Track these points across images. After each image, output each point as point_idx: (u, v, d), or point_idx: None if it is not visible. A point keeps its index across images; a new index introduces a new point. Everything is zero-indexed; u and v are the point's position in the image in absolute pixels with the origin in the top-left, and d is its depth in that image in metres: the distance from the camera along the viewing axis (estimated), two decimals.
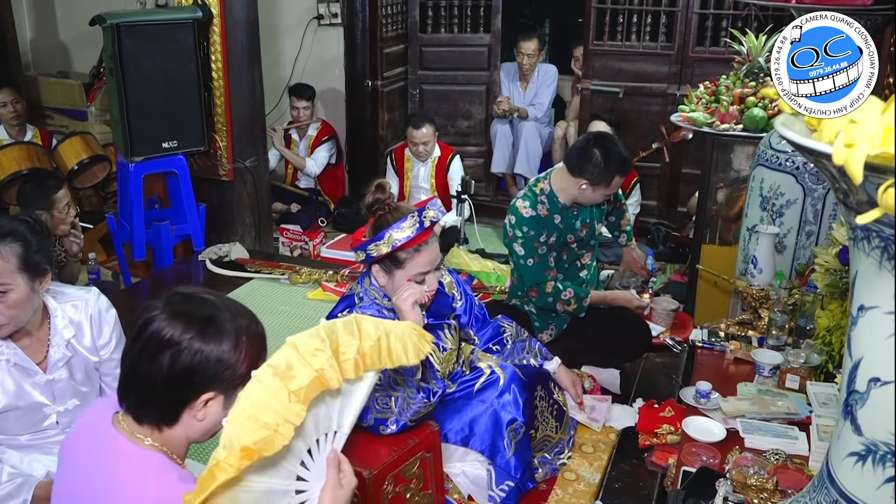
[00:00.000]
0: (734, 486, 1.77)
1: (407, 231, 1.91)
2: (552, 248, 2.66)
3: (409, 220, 1.92)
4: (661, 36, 4.56)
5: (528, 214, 2.61)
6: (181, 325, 1.22)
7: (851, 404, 1.30)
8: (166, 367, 1.21)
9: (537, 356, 2.38)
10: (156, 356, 1.21)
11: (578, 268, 2.78)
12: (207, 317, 1.24)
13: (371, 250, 1.94)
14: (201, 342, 1.22)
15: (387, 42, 5.02)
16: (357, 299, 2.05)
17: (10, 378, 1.84)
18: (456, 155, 4.52)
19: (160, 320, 1.23)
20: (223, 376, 1.23)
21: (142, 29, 3.53)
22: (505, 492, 2.08)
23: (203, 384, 1.23)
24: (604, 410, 2.51)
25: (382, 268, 2.00)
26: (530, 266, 2.63)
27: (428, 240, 1.97)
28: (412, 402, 1.87)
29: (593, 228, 2.75)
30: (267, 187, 4.24)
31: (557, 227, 2.65)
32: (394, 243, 1.91)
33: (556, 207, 2.64)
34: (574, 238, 2.70)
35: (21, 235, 1.77)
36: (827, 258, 2.26)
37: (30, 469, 1.90)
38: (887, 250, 1.16)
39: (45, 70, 5.37)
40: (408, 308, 1.91)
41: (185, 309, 1.24)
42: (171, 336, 1.21)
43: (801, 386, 2.25)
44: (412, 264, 1.96)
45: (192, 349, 1.21)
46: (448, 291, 2.23)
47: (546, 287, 2.64)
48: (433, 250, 1.99)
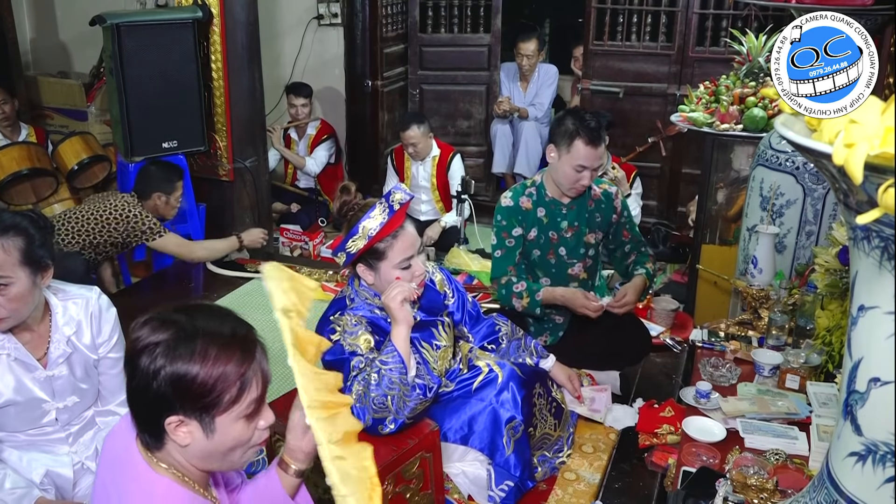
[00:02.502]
0: (734, 486, 1.77)
1: (378, 218, 1.92)
2: (533, 244, 2.66)
3: (377, 207, 1.93)
4: (661, 36, 4.55)
5: (506, 204, 2.67)
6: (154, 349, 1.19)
7: (851, 404, 1.30)
8: (136, 391, 1.21)
9: (533, 354, 2.38)
10: (130, 380, 1.21)
11: (570, 277, 2.73)
12: (176, 338, 1.20)
13: (349, 247, 1.94)
14: (168, 362, 1.18)
15: (387, 42, 5.02)
16: (348, 300, 2.05)
17: (10, 373, 1.84)
18: (457, 154, 4.51)
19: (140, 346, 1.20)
20: (188, 398, 1.19)
21: (142, 29, 3.53)
22: (505, 491, 2.09)
23: (168, 408, 1.19)
24: (604, 400, 2.51)
25: (365, 265, 2.00)
26: (498, 257, 2.68)
27: (403, 224, 1.97)
28: (408, 399, 1.87)
29: (581, 234, 2.69)
30: (267, 187, 4.24)
31: (540, 221, 2.65)
32: (369, 233, 1.91)
33: (543, 200, 2.65)
34: (558, 237, 2.68)
35: (24, 230, 1.77)
36: (827, 258, 2.26)
37: (29, 468, 1.90)
38: (887, 250, 1.16)
39: (45, 70, 5.37)
40: (397, 306, 1.91)
41: (160, 339, 1.20)
42: (142, 362, 1.19)
43: (801, 386, 2.25)
44: (393, 252, 1.96)
45: (157, 370, 1.18)
46: (440, 289, 2.23)
47: (502, 279, 2.66)
48: (410, 233, 1.99)
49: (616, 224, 2.75)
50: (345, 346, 1.94)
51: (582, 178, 2.55)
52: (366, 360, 1.92)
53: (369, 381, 1.87)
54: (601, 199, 2.70)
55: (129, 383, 1.23)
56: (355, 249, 1.94)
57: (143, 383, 1.19)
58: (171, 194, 3.47)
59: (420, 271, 2.01)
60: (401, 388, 1.86)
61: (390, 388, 1.85)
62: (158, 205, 3.43)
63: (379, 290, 2.01)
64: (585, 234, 2.70)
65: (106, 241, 3.26)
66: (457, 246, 4.16)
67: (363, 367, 1.91)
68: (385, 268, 1.97)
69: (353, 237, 1.93)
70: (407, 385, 1.87)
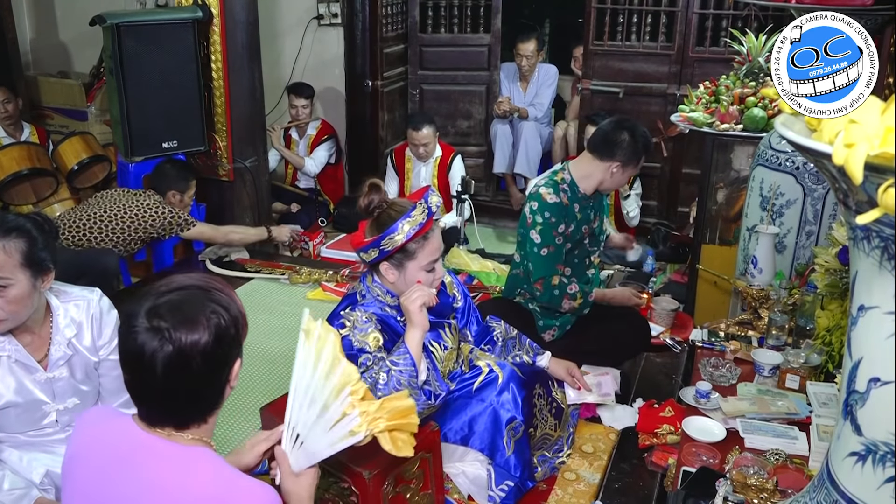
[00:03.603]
0: (734, 486, 1.77)
1: (418, 219, 1.93)
2: (568, 238, 2.65)
3: (418, 208, 1.94)
4: (661, 36, 4.55)
5: (553, 200, 2.58)
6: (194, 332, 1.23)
7: (851, 404, 1.30)
8: (200, 371, 1.23)
9: (529, 353, 2.39)
10: (183, 369, 1.22)
11: (587, 265, 2.78)
12: (191, 317, 1.23)
13: (385, 245, 1.94)
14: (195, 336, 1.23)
15: (387, 42, 5.02)
16: (359, 297, 2.06)
17: (10, 375, 1.84)
18: (457, 155, 4.51)
19: (165, 340, 1.21)
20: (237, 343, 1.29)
21: (142, 29, 3.53)
22: (505, 492, 2.09)
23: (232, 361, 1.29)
24: (610, 383, 2.49)
25: (392, 264, 2.00)
26: (544, 256, 2.59)
27: (433, 227, 2.00)
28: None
29: (602, 222, 2.77)
30: (267, 187, 4.24)
31: (576, 217, 2.65)
32: (408, 233, 1.92)
33: (577, 196, 2.64)
34: (588, 230, 2.71)
35: (27, 232, 1.77)
36: (827, 258, 2.26)
37: (29, 468, 1.89)
38: (887, 250, 1.16)
39: (45, 70, 5.37)
40: (416, 309, 1.92)
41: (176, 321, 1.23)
42: (187, 345, 1.22)
43: (801, 386, 2.25)
44: (423, 253, 1.98)
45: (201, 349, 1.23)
46: (449, 292, 2.25)
47: (552, 280, 2.61)
48: (438, 237, 2.02)
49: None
50: (353, 343, 1.94)
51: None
52: (373, 357, 1.93)
53: (377, 379, 1.87)
54: None
55: (188, 382, 1.24)
56: (391, 247, 1.94)
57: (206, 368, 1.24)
58: (185, 192, 3.61)
59: (441, 276, 2.04)
60: (408, 390, 1.86)
61: (398, 390, 1.85)
62: (173, 202, 3.56)
63: (398, 291, 2.01)
64: (604, 221, 2.78)
65: (140, 238, 3.43)
66: (457, 246, 4.16)
67: (370, 364, 1.91)
68: (412, 268, 1.98)
69: (391, 234, 1.93)
70: (415, 388, 1.88)
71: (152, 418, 1.27)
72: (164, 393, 1.24)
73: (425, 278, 2.00)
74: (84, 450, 1.33)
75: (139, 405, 1.29)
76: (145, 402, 1.27)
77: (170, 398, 1.25)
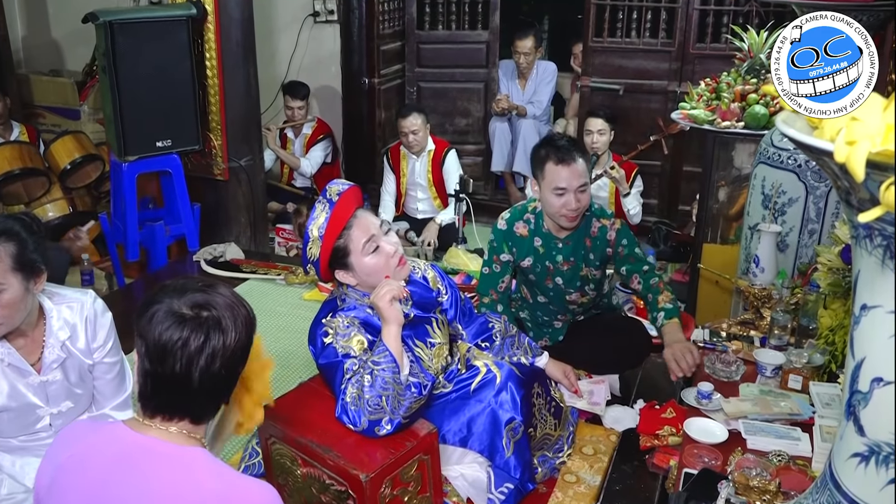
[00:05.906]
0: (736, 487, 1.76)
1: (322, 216, 1.92)
2: (524, 269, 2.61)
3: (317, 208, 1.93)
4: (662, 32, 4.53)
5: (500, 226, 2.62)
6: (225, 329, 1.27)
7: (854, 405, 1.29)
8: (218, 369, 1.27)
9: (527, 353, 2.37)
10: (218, 362, 1.26)
11: (568, 302, 2.66)
12: (228, 312, 1.29)
13: (310, 255, 1.94)
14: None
15: (384, 39, 5.00)
16: (339, 301, 2.04)
17: (3, 379, 1.82)
18: (451, 149, 4.47)
19: (191, 332, 1.24)
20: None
21: (135, 26, 3.51)
22: (505, 494, 2.07)
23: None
24: (603, 392, 2.50)
25: (339, 268, 1.99)
26: (484, 274, 2.66)
27: (355, 213, 1.97)
28: (402, 398, 1.85)
29: (577, 269, 2.59)
30: (262, 186, 4.22)
31: (536, 251, 2.59)
32: (320, 234, 1.91)
33: (541, 231, 2.58)
34: (554, 268, 2.60)
35: (16, 234, 1.75)
36: (830, 257, 2.24)
37: (22, 472, 1.88)
38: (889, 249, 1.16)
39: (37, 68, 5.34)
40: (385, 305, 1.89)
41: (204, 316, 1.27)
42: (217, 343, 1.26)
43: (803, 386, 2.23)
44: (353, 241, 1.95)
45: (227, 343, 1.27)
46: (433, 286, 2.22)
47: (484, 299, 2.63)
48: (366, 216, 1.98)
49: (613, 256, 2.63)
50: (337, 349, 1.93)
51: (567, 202, 2.41)
52: (359, 361, 1.90)
53: (363, 382, 1.85)
54: (597, 237, 2.59)
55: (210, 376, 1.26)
56: (316, 254, 1.93)
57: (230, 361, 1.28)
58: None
59: (390, 251, 1.99)
60: (395, 387, 1.84)
61: (384, 389, 1.83)
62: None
63: (366, 289, 1.99)
64: (582, 270, 2.61)
65: None
66: (455, 246, 4.14)
67: (357, 369, 1.89)
68: (356, 261, 1.96)
69: (307, 244, 1.93)
70: (401, 384, 1.86)
71: (168, 410, 1.27)
72: (198, 385, 1.25)
73: (379, 263, 1.96)
74: (77, 463, 1.30)
75: (153, 397, 1.27)
76: (168, 394, 1.27)
77: (200, 391, 1.26)
